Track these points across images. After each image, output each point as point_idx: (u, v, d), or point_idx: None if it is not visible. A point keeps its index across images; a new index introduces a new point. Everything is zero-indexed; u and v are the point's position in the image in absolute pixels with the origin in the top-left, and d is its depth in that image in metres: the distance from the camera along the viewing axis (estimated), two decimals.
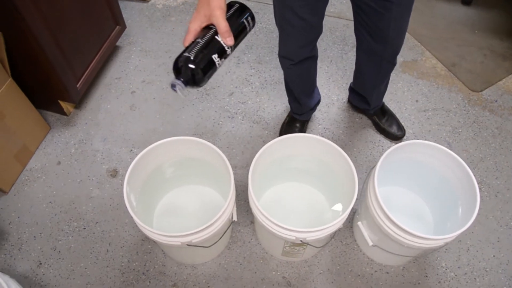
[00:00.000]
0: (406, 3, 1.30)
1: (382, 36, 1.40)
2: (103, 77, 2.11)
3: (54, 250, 1.60)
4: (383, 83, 1.71)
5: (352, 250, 1.60)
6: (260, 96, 2.03)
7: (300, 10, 1.29)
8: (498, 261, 1.58)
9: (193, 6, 2.43)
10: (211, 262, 1.57)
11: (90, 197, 1.73)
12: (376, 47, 1.47)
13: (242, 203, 1.69)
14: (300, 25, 1.34)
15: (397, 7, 1.28)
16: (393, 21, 1.33)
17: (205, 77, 0.91)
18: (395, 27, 1.36)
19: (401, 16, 1.34)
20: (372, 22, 1.36)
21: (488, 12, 2.42)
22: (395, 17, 1.32)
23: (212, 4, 0.89)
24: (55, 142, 1.88)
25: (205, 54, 0.90)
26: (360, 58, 1.65)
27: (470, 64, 2.18)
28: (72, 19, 1.72)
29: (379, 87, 1.72)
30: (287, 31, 1.40)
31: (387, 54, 1.50)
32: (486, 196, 1.73)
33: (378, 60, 1.53)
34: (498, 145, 1.88)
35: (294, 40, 1.42)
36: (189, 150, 1.44)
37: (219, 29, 0.89)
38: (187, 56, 0.89)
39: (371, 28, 1.40)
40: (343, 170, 1.38)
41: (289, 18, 1.33)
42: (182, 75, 0.89)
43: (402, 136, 1.87)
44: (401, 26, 1.39)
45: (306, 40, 1.43)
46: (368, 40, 1.45)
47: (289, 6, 1.29)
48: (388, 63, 1.56)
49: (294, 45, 1.45)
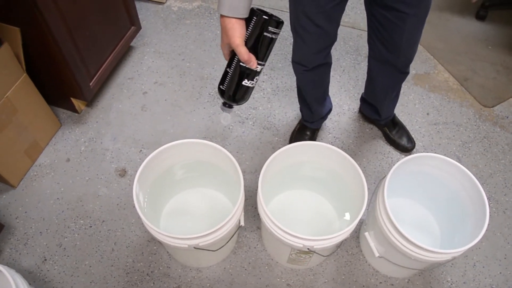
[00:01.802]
0: (421, 15, 1.31)
1: (395, 46, 1.40)
2: (116, 76, 2.12)
3: (59, 247, 1.61)
4: (394, 93, 1.71)
5: (358, 261, 1.59)
6: (272, 102, 2.03)
7: (316, 17, 1.30)
8: (505, 278, 1.57)
9: (208, 10, 2.44)
10: (216, 266, 1.57)
11: (98, 196, 1.73)
12: (388, 56, 1.47)
13: (250, 208, 1.69)
14: (315, 32, 1.35)
15: (412, 19, 1.29)
16: (406, 32, 1.33)
17: (243, 98, 1.06)
18: (409, 37, 1.36)
19: (415, 27, 1.34)
20: (386, 32, 1.37)
21: (503, 28, 2.42)
22: (409, 28, 1.32)
23: (229, 34, 0.94)
24: (65, 139, 1.89)
25: (236, 83, 1.01)
26: (372, 67, 1.65)
27: (483, 79, 2.18)
28: (89, 17, 1.73)
29: (390, 97, 1.72)
30: (302, 37, 1.40)
31: (400, 64, 1.50)
32: (494, 212, 1.72)
33: (390, 69, 1.53)
34: (508, 161, 1.87)
35: (308, 46, 1.43)
36: (200, 153, 1.45)
37: (240, 57, 0.96)
38: (222, 89, 1.04)
39: (384, 38, 1.40)
40: (353, 180, 1.38)
41: (305, 24, 1.33)
42: (224, 101, 1.08)
43: (412, 148, 1.86)
44: (414, 37, 1.39)
45: (320, 46, 1.44)
46: (381, 49, 1.46)
47: (305, 12, 1.30)
48: (400, 72, 1.56)
49: (308, 52, 1.45)
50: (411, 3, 1.25)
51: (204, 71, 2.15)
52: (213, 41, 2.28)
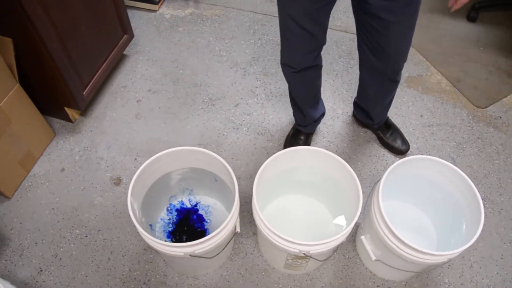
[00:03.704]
0: (406, 23, 1.31)
1: (383, 54, 1.41)
2: (110, 85, 2.12)
3: (55, 257, 1.60)
4: (387, 100, 1.72)
5: (355, 264, 1.59)
6: (265, 108, 2.03)
7: (301, 20, 1.31)
8: (502, 278, 1.57)
9: (200, 17, 2.45)
10: (213, 273, 1.56)
11: (93, 205, 1.73)
12: (378, 65, 1.48)
13: (245, 214, 1.69)
14: (301, 34, 1.35)
15: (396, 26, 1.30)
16: (393, 40, 1.34)
17: None
18: (396, 45, 1.37)
19: (402, 35, 1.35)
20: (374, 39, 1.38)
21: (494, 29, 2.44)
22: (395, 36, 1.33)
23: None
24: (60, 148, 1.89)
25: None
26: (363, 76, 1.66)
27: (475, 80, 2.19)
28: (82, 27, 1.73)
29: (382, 104, 1.73)
30: (288, 38, 1.41)
31: (389, 72, 1.51)
32: (490, 212, 1.72)
33: (380, 78, 1.54)
34: (502, 161, 1.88)
35: (295, 48, 1.43)
36: (194, 160, 1.45)
37: None
38: None
39: (373, 45, 1.41)
40: (348, 183, 1.38)
41: (290, 26, 1.34)
42: None
43: (406, 151, 1.87)
44: (402, 45, 1.40)
45: (307, 49, 1.44)
46: (370, 58, 1.47)
47: (290, 15, 1.31)
48: (390, 81, 1.57)
49: (295, 53, 1.46)
50: (395, 11, 1.25)
51: (198, 78, 2.15)
52: (206, 48, 2.29)
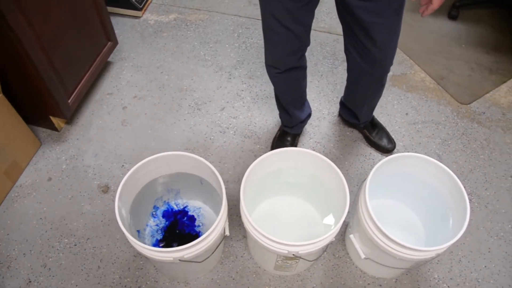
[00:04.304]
0: (389, 24, 1.32)
1: (370, 57, 1.42)
2: (95, 92, 2.11)
3: (44, 268, 1.58)
4: (374, 101, 1.73)
5: (345, 263, 1.60)
6: (252, 110, 2.04)
7: (283, 19, 1.31)
8: (490, 271, 1.59)
9: (184, 22, 2.45)
10: (204, 277, 1.56)
11: (82, 213, 1.72)
12: (365, 67, 1.49)
13: (234, 217, 1.69)
14: (284, 33, 1.36)
15: (381, 28, 1.31)
16: (379, 41, 1.35)
17: None
18: (382, 47, 1.38)
19: (387, 37, 1.36)
20: (360, 41, 1.39)
21: (474, 27, 2.47)
22: (380, 38, 1.34)
23: None
24: (46, 158, 1.88)
25: None
26: (351, 78, 1.67)
27: (458, 77, 2.21)
28: (65, 35, 1.72)
29: (369, 105, 1.75)
30: (271, 39, 1.41)
31: (376, 75, 1.52)
32: (477, 207, 1.75)
33: (367, 80, 1.56)
34: (487, 156, 1.90)
35: (278, 48, 1.44)
36: (181, 165, 1.45)
37: None
38: None
39: (359, 47, 1.42)
40: (334, 183, 1.39)
41: (273, 26, 1.35)
42: None
43: (393, 149, 1.88)
44: (388, 48, 1.41)
45: (291, 49, 1.45)
46: (357, 60, 1.48)
47: (272, 14, 1.31)
48: (377, 83, 1.58)
49: (279, 54, 1.46)
50: (376, 12, 1.27)
51: (183, 83, 2.15)
52: (191, 52, 2.29)
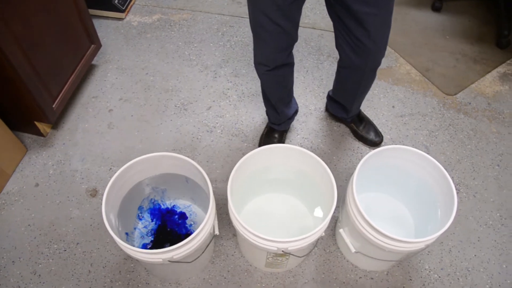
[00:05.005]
0: (383, 14, 1.33)
1: (363, 50, 1.42)
2: (80, 96, 2.09)
3: (34, 274, 1.57)
4: (364, 94, 1.74)
5: (336, 258, 1.60)
6: (238, 109, 2.04)
7: (273, 15, 1.31)
8: (479, 260, 1.60)
9: (168, 22, 2.44)
10: (195, 277, 1.55)
11: (70, 218, 1.70)
12: (357, 62, 1.49)
13: (224, 216, 1.68)
14: (275, 30, 1.36)
15: (374, 18, 1.31)
16: (372, 33, 1.35)
17: None
18: (375, 39, 1.38)
19: (380, 28, 1.36)
20: (353, 35, 1.38)
21: (458, 18, 2.48)
22: (373, 30, 1.34)
23: None
24: (33, 164, 1.86)
25: None
26: (342, 73, 1.67)
27: (443, 69, 2.23)
28: (46, 39, 1.71)
29: (360, 98, 1.75)
30: (261, 36, 1.41)
31: (369, 68, 1.52)
32: (465, 197, 1.76)
33: (360, 74, 1.56)
34: (473, 146, 1.91)
35: (268, 45, 1.44)
36: (167, 166, 1.44)
37: None
38: None
39: (352, 41, 1.41)
40: (322, 179, 1.39)
41: (263, 23, 1.34)
42: None
43: (380, 142, 1.89)
44: (381, 39, 1.41)
45: (280, 46, 1.45)
46: (350, 55, 1.47)
47: (262, 11, 1.31)
48: (370, 77, 1.59)
49: (269, 51, 1.46)
50: (369, 2, 1.27)
51: (169, 84, 2.14)
52: (176, 52, 2.28)
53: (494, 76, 2.19)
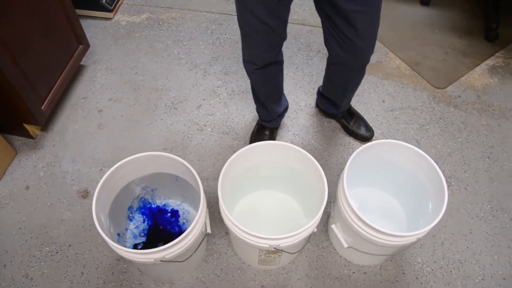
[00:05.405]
0: (371, 12, 1.33)
1: (352, 47, 1.42)
2: (69, 97, 2.08)
3: (26, 278, 1.56)
4: (354, 90, 1.74)
5: (329, 254, 1.61)
6: (228, 106, 2.03)
7: (260, 14, 1.30)
8: (471, 252, 1.61)
9: (156, 21, 2.42)
10: (189, 277, 1.55)
11: (62, 220, 1.69)
12: (346, 59, 1.48)
13: (216, 214, 1.68)
14: (262, 29, 1.35)
15: (362, 16, 1.31)
16: (360, 31, 1.35)
17: None
18: (363, 36, 1.38)
19: (368, 26, 1.36)
20: (341, 32, 1.38)
21: (446, 12, 2.49)
22: (361, 27, 1.34)
23: None
24: (23, 166, 1.84)
25: None
26: (332, 70, 1.67)
27: (433, 62, 2.23)
28: (33, 41, 1.69)
29: (350, 94, 1.75)
30: (249, 35, 1.40)
31: (358, 65, 1.52)
32: (456, 189, 1.76)
33: (349, 71, 1.56)
34: (464, 139, 1.92)
35: (256, 44, 1.43)
36: (158, 165, 1.43)
37: None
38: None
39: (341, 39, 1.41)
40: (313, 175, 1.38)
41: (251, 22, 1.34)
42: None
43: (371, 137, 1.89)
44: (370, 36, 1.41)
45: (269, 44, 1.44)
46: (339, 52, 1.47)
47: (250, 9, 1.30)
48: (359, 73, 1.59)
49: (257, 49, 1.46)
50: (358, 0, 1.26)
51: (158, 83, 2.13)
52: (165, 51, 2.27)
53: (483, 69, 2.20)
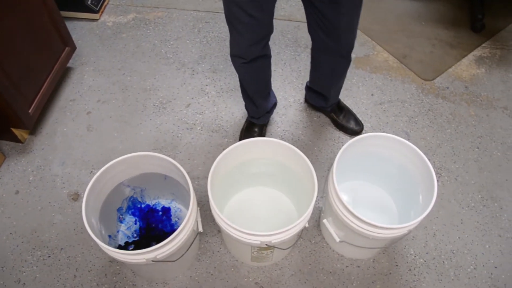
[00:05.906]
0: None
1: (335, 31, 1.43)
2: (57, 100, 2.06)
3: (18, 283, 1.55)
4: (341, 80, 1.74)
5: (322, 248, 1.61)
6: (217, 105, 2.03)
7: (247, 6, 1.31)
8: (463, 242, 1.62)
9: (143, 21, 2.41)
10: (182, 276, 1.55)
11: (53, 224, 1.68)
12: (330, 45, 1.49)
13: (208, 213, 1.68)
14: (249, 22, 1.35)
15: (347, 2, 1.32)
16: (345, 16, 1.36)
17: None
18: (347, 21, 1.39)
19: (352, 11, 1.38)
20: (325, 18, 1.39)
21: (433, 4, 2.50)
22: (345, 12, 1.35)
23: None
24: (11, 171, 1.83)
25: None
26: (316, 58, 1.67)
27: (420, 55, 2.24)
28: (18, 45, 1.68)
29: (337, 82, 1.75)
30: (236, 28, 1.40)
31: (342, 50, 1.53)
32: (447, 180, 1.77)
33: (334, 57, 1.56)
34: (453, 130, 1.93)
35: (244, 37, 1.43)
36: (147, 165, 1.43)
37: None
38: None
39: (324, 25, 1.42)
40: (303, 170, 1.39)
41: (238, 15, 1.34)
42: None
43: (361, 131, 1.90)
44: (352, 21, 1.42)
45: (256, 37, 1.44)
46: (322, 37, 1.48)
47: (236, 2, 1.31)
48: (343, 59, 1.59)
49: (244, 43, 1.45)
50: None
51: (146, 83, 2.12)
52: (152, 51, 2.26)
53: (470, 59, 2.21)
